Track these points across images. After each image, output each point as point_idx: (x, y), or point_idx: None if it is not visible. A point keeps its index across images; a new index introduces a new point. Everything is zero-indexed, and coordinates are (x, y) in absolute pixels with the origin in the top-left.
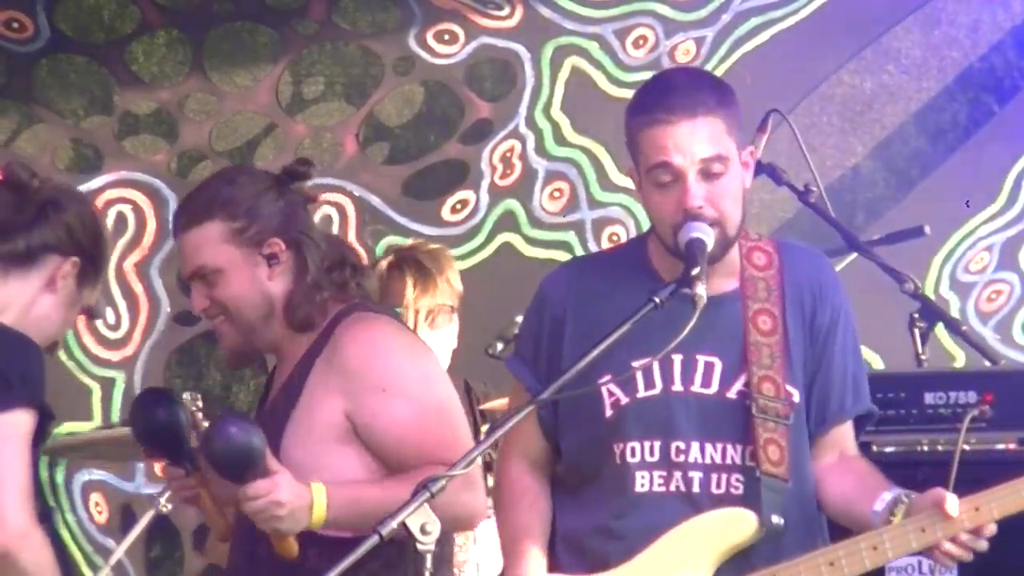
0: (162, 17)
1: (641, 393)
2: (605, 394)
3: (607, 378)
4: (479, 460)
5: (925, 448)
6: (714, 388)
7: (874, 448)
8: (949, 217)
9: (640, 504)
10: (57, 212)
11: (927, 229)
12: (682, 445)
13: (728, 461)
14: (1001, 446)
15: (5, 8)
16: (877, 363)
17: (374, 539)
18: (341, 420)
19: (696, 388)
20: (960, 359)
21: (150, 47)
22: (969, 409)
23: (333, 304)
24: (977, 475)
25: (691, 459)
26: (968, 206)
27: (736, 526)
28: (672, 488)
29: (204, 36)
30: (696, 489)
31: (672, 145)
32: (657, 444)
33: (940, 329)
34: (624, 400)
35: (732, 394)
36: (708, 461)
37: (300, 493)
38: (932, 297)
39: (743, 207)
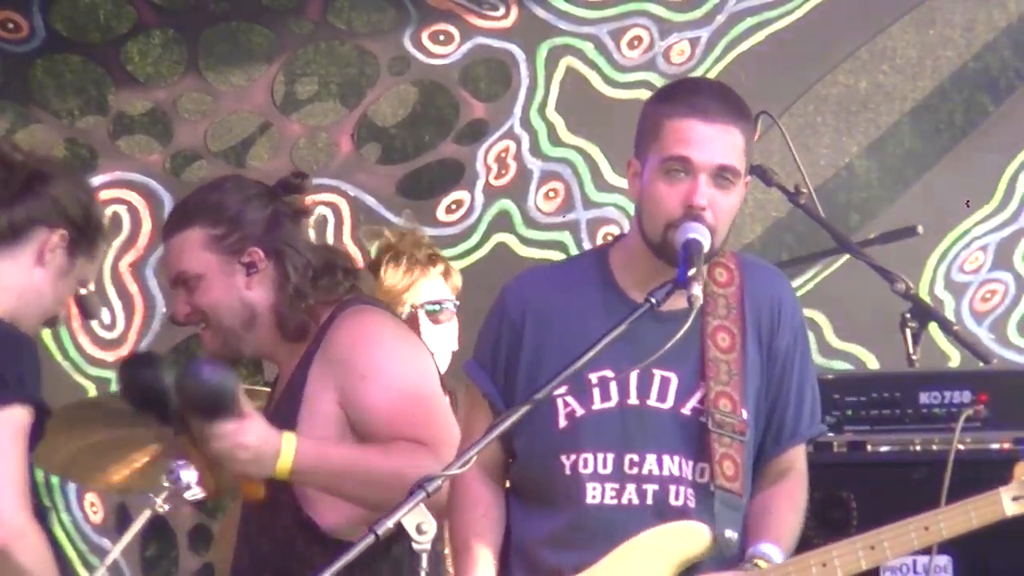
0: (158, 17)
1: (597, 405)
2: (560, 405)
3: (563, 389)
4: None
5: (919, 448)
6: (669, 403)
7: (869, 448)
8: (944, 217)
9: (592, 516)
10: (43, 184)
11: (919, 229)
12: (636, 458)
13: (683, 475)
14: (996, 446)
15: (1, 8)
16: (872, 363)
17: (370, 538)
18: (338, 411)
19: (652, 402)
20: (955, 359)
21: (146, 47)
22: (964, 409)
23: (325, 308)
24: (972, 475)
25: (645, 471)
26: (968, 206)
27: (690, 539)
28: (624, 501)
29: (199, 36)
30: (650, 501)
31: (696, 141)
32: (611, 456)
33: (935, 329)
34: (579, 412)
35: (687, 410)
36: (666, 473)
37: (267, 439)
38: (927, 297)
39: (729, 230)
